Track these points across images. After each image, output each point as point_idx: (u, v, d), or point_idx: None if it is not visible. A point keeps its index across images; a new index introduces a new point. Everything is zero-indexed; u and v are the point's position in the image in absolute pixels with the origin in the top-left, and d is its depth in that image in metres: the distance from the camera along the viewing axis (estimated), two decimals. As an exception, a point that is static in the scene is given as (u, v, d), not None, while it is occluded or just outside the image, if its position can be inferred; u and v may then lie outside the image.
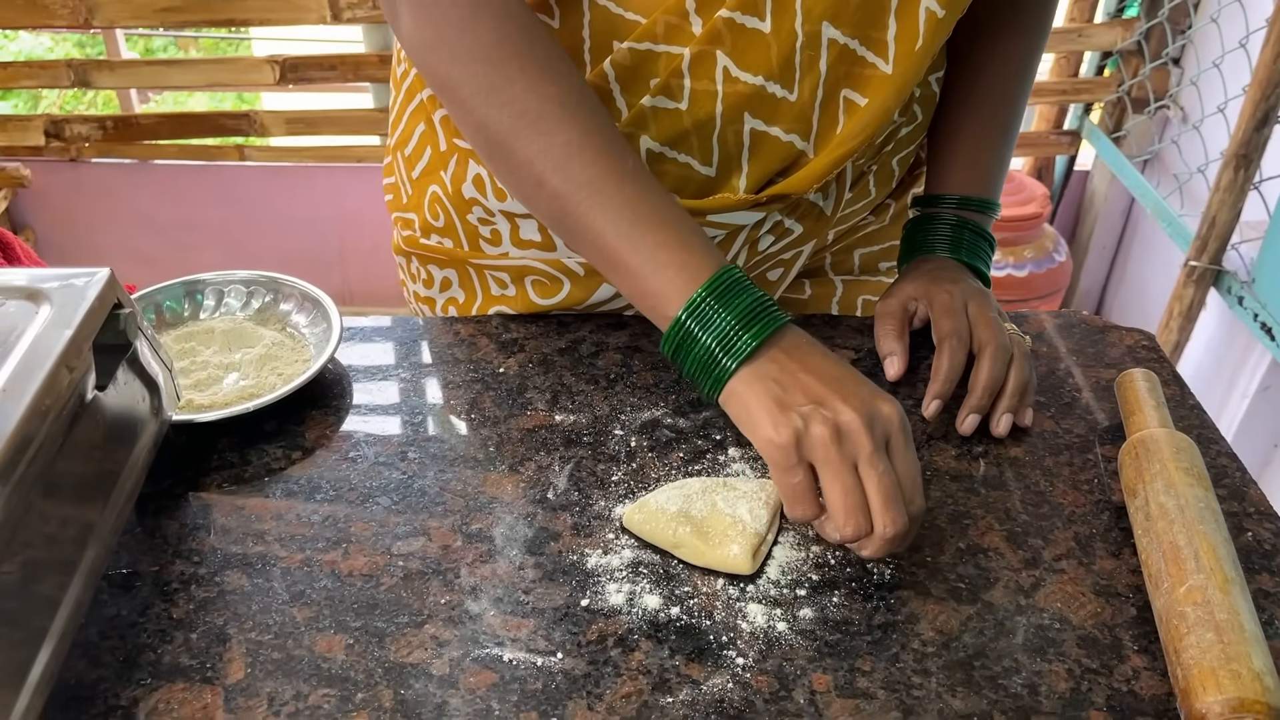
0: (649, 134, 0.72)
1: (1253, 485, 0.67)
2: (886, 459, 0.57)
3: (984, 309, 0.74)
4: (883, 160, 0.83)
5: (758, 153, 0.73)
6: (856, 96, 0.72)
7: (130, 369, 0.58)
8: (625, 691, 0.53)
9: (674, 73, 0.69)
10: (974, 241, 0.80)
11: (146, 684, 0.54)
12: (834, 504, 0.57)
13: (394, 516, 0.64)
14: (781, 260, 0.83)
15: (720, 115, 0.71)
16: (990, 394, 0.70)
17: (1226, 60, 1.90)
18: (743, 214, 0.75)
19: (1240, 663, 0.50)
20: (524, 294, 0.81)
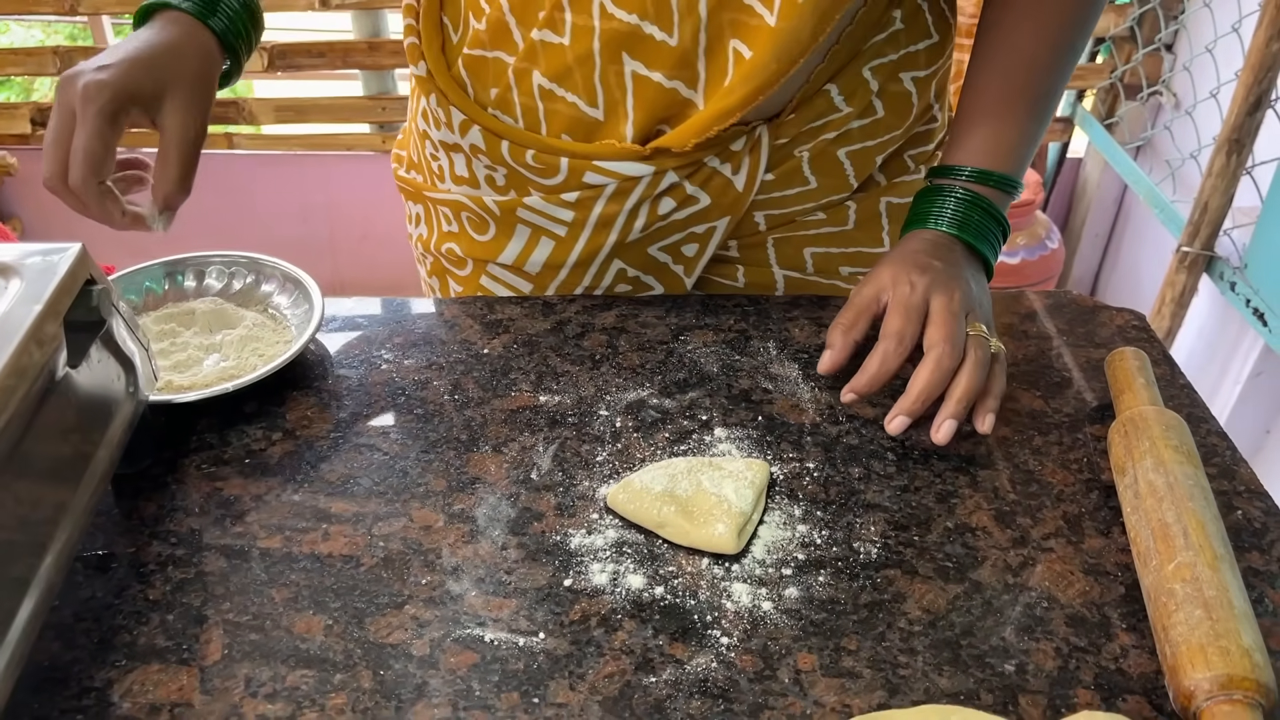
0: (539, 69, 0.75)
1: (1243, 464, 0.67)
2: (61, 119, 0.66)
3: (945, 307, 0.67)
4: (820, 148, 0.80)
5: (641, 98, 0.73)
6: (743, 47, 0.71)
7: (104, 347, 0.57)
8: (608, 671, 0.53)
9: (556, 5, 0.71)
10: (983, 222, 0.73)
11: (121, 665, 0.53)
12: None
13: (375, 498, 0.63)
14: (694, 234, 0.82)
15: (599, 52, 0.72)
16: (925, 400, 0.65)
17: (1219, 45, 1.89)
18: (632, 165, 0.75)
19: (1229, 639, 0.49)
20: (465, 231, 0.86)
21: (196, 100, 0.71)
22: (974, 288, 0.71)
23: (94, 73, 0.65)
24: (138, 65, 0.67)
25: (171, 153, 0.70)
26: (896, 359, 0.67)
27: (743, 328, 0.78)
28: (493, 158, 0.79)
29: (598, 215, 0.79)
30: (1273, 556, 0.60)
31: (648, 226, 0.80)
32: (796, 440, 0.68)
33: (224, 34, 0.73)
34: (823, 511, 0.62)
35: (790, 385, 0.72)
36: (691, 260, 0.84)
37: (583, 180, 0.77)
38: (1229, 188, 1.70)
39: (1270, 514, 0.63)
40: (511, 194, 0.81)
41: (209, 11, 0.72)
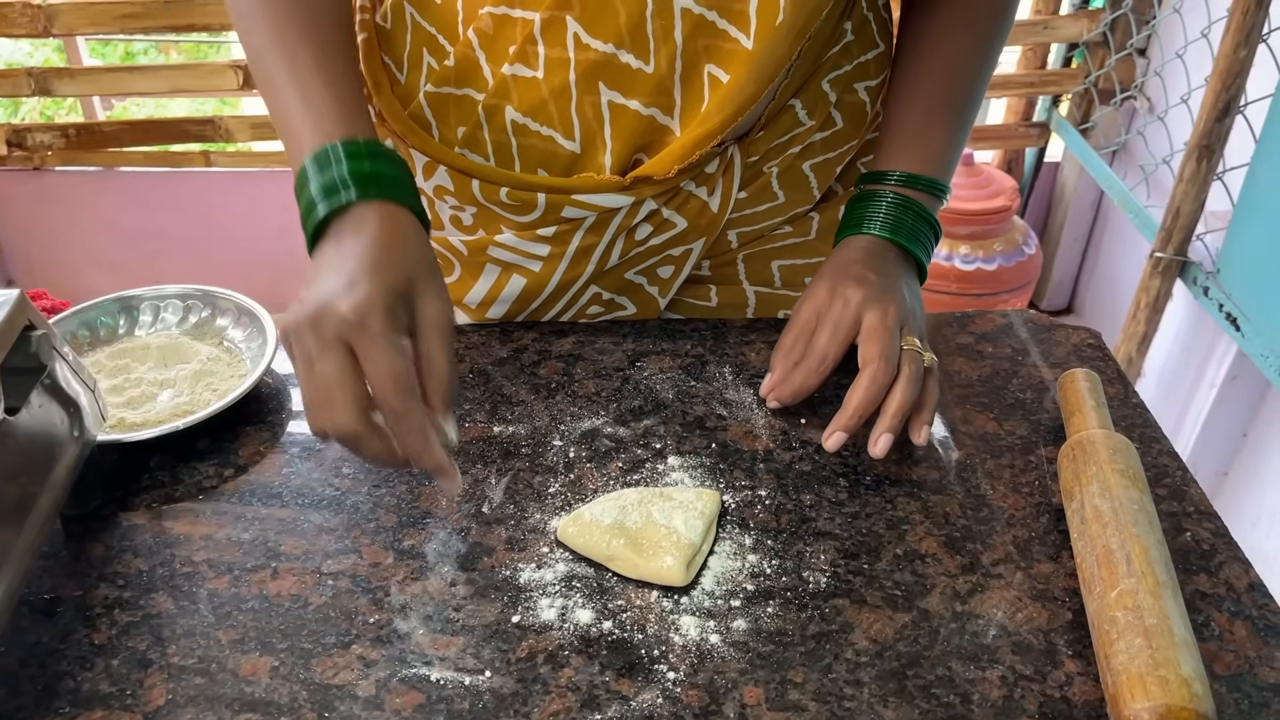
0: (512, 104, 0.73)
1: (1193, 485, 0.67)
2: (337, 357, 0.54)
3: (878, 323, 0.68)
4: (788, 162, 0.81)
5: (619, 128, 0.73)
6: (720, 72, 0.71)
7: (46, 392, 0.57)
8: (553, 709, 0.53)
9: (528, 39, 0.70)
10: (915, 225, 0.75)
11: (65, 713, 0.53)
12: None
13: (325, 534, 0.63)
14: (670, 256, 0.81)
15: (575, 84, 0.71)
16: (861, 415, 0.66)
17: (1189, 51, 1.90)
18: (611, 196, 0.74)
19: (1168, 669, 0.49)
20: None
21: (438, 278, 0.60)
22: (908, 298, 0.71)
23: (344, 296, 0.54)
24: (380, 268, 0.56)
25: (437, 343, 0.57)
26: (817, 377, 0.70)
27: (699, 352, 0.78)
28: (461, 198, 0.77)
29: (575, 247, 0.78)
30: (1220, 579, 0.60)
31: (625, 254, 0.79)
32: (749, 468, 0.68)
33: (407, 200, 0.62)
34: (773, 540, 0.62)
35: (744, 411, 0.72)
36: (666, 281, 0.84)
37: (560, 215, 0.76)
38: (1200, 193, 1.71)
39: (1219, 535, 0.63)
40: (480, 233, 0.79)
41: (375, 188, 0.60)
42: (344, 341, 0.54)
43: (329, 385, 0.54)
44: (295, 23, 0.65)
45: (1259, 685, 0.54)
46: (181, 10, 2.11)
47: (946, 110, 0.78)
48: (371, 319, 0.54)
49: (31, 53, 3.75)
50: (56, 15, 2.10)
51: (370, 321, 0.54)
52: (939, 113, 0.78)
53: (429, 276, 0.59)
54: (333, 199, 0.59)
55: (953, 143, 0.78)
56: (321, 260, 0.58)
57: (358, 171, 0.60)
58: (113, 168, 2.44)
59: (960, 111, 0.78)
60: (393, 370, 0.54)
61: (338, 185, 0.59)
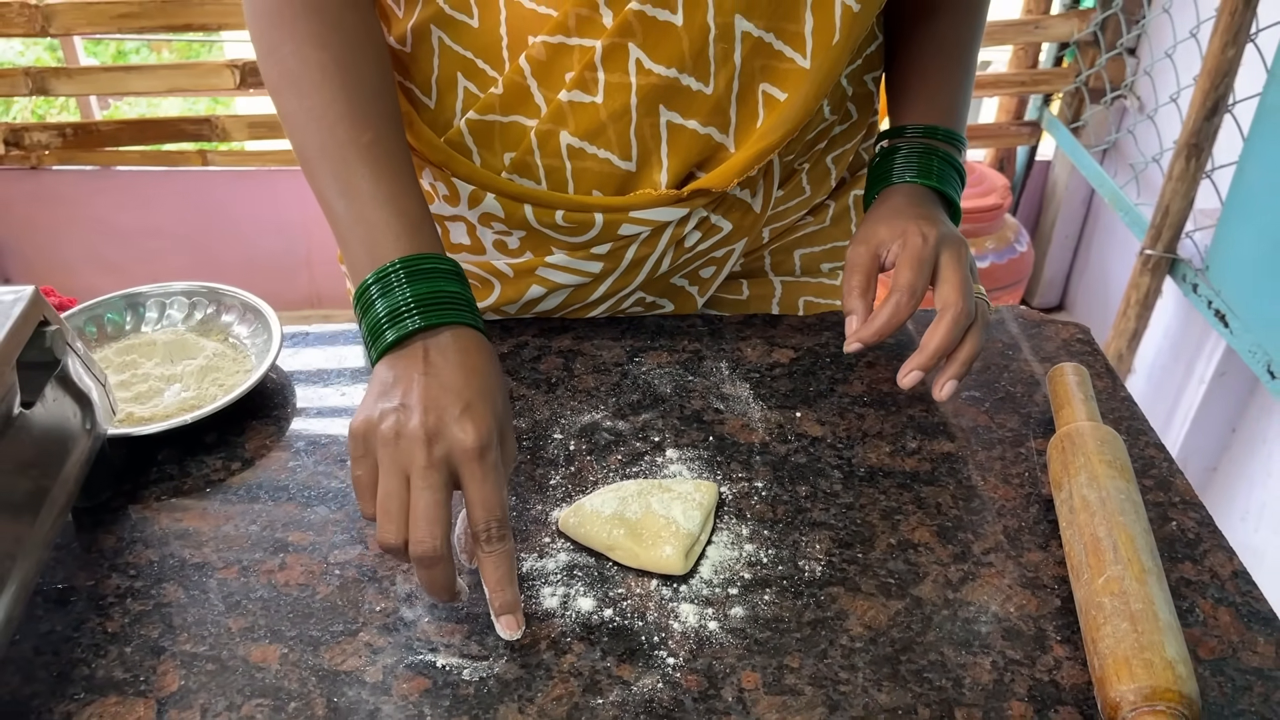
0: (567, 129, 0.72)
1: (1179, 475, 0.69)
2: (441, 478, 0.54)
3: (957, 265, 0.70)
4: (816, 158, 0.84)
5: (676, 146, 0.74)
6: (775, 91, 0.72)
7: (59, 386, 0.58)
8: (556, 694, 0.54)
9: (588, 66, 0.70)
10: (943, 168, 0.77)
11: (80, 699, 0.54)
12: (376, 504, 0.55)
13: (332, 525, 0.64)
14: (713, 258, 0.83)
15: (635, 108, 0.71)
16: (940, 357, 0.68)
17: (1178, 50, 1.92)
18: (666, 210, 0.75)
19: (1153, 651, 0.51)
20: None
21: (510, 413, 0.61)
22: (965, 246, 0.73)
23: (462, 422, 0.54)
24: (487, 397, 0.57)
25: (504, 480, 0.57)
26: (908, 310, 0.69)
27: (696, 348, 0.80)
28: (511, 223, 0.76)
29: (629, 260, 0.79)
30: (1205, 567, 0.62)
31: (675, 260, 0.81)
32: (746, 460, 0.69)
33: (478, 322, 0.61)
34: (769, 531, 0.64)
35: (741, 405, 0.74)
36: (707, 282, 0.85)
37: (617, 232, 0.76)
38: (1189, 191, 1.73)
39: (1204, 525, 0.65)
40: (528, 255, 0.79)
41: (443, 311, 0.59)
42: (452, 466, 0.54)
43: (428, 506, 0.53)
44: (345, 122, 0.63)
45: (1241, 669, 0.56)
46: (178, 10, 2.12)
47: (954, 68, 0.81)
48: (490, 450, 0.54)
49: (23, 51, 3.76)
50: (54, 15, 2.11)
51: (488, 453, 0.54)
52: (946, 70, 0.81)
53: (509, 412, 0.59)
54: (409, 320, 0.58)
55: (961, 99, 0.81)
56: (407, 374, 0.57)
57: (430, 292, 0.59)
58: (110, 167, 2.45)
59: (965, 70, 0.81)
60: (503, 503, 0.55)
61: (407, 308, 0.58)
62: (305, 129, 0.64)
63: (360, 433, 0.55)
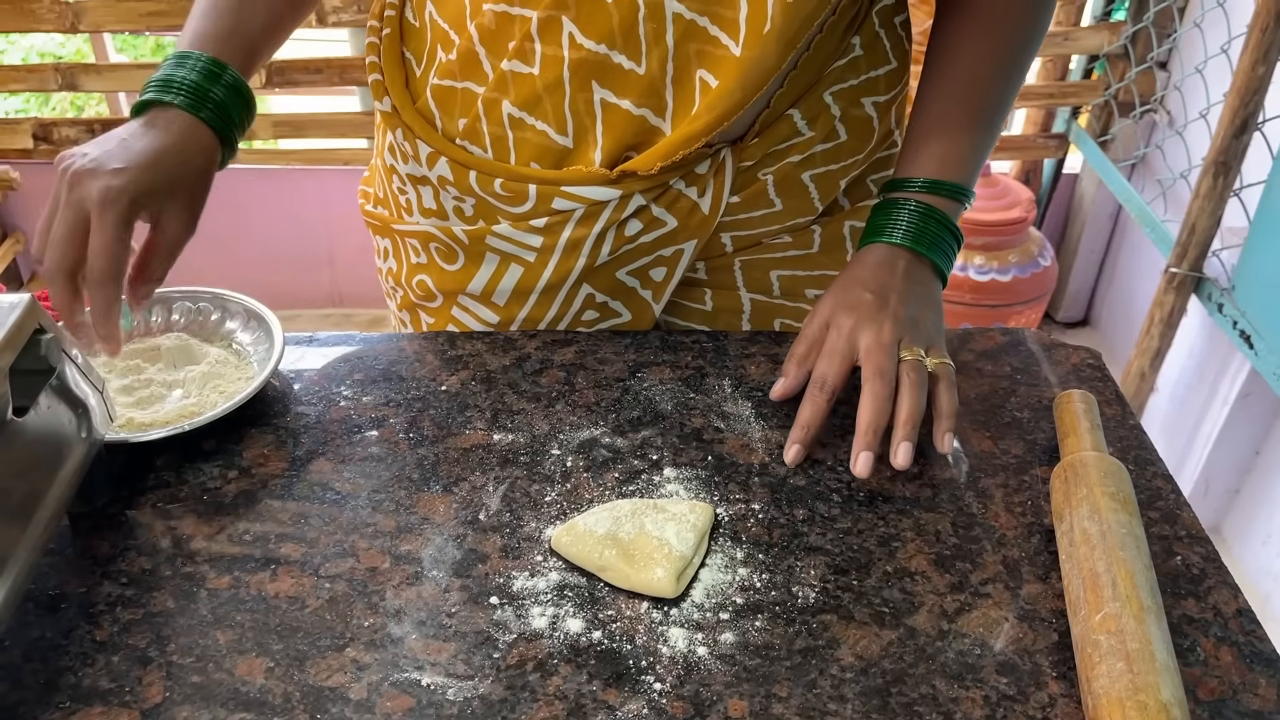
0: (509, 98, 0.76)
1: (1185, 508, 0.67)
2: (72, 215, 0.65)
3: (875, 339, 0.70)
4: (785, 171, 0.81)
5: (610, 125, 0.75)
6: (710, 77, 0.73)
7: (54, 393, 0.58)
8: (540, 717, 0.54)
9: (525, 36, 0.73)
10: (937, 234, 0.76)
11: (65, 707, 0.54)
12: None
13: (324, 537, 0.64)
14: (662, 257, 0.83)
15: (568, 81, 0.73)
16: (874, 431, 0.68)
17: (1209, 66, 1.89)
18: (598, 190, 0.76)
19: (1148, 694, 0.50)
20: (434, 263, 0.86)
21: (197, 202, 0.73)
22: (910, 312, 0.72)
23: (109, 176, 0.66)
24: (148, 169, 0.68)
25: (163, 253, 0.71)
26: (825, 401, 0.70)
27: (700, 364, 0.79)
28: (461, 188, 0.80)
29: (566, 239, 0.80)
30: (1208, 604, 0.61)
31: (615, 250, 0.81)
32: (744, 481, 0.68)
33: (219, 127, 0.73)
34: (764, 554, 0.63)
35: (742, 424, 0.73)
36: (660, 284, 0.85)
37: (551, 206, 0.78)
38: (1216, 209, 1.70)
39: (1209, 560, 0.64)
40: (480, 223, 0.82)
41: (200, 105, 0.72)
42: (83, 208, 0.65)
43: (59, 235, 0.66)
44: None
45: (1241, 711, 0.55)
46: (206, 9, 2.13)
47: (969, 114, 0.78)
48: (110, 209, 0.65)
49: (64, 43, 3.80)
50: (84, 11, 2.13)
51: (108, 211, 0.65)
52: (961, 117, 0.78)
53: (189, 195, 0.72)
54: (158, 93, 0.71)
55: (976, 146, 0.78)
56: (124, 130, 0.70)
57: (193, 84, 0.71)
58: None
59: (983, 116, 0.79)
60: (106, 250, 0.65)
61: (173, 85, 0.71)
62: None
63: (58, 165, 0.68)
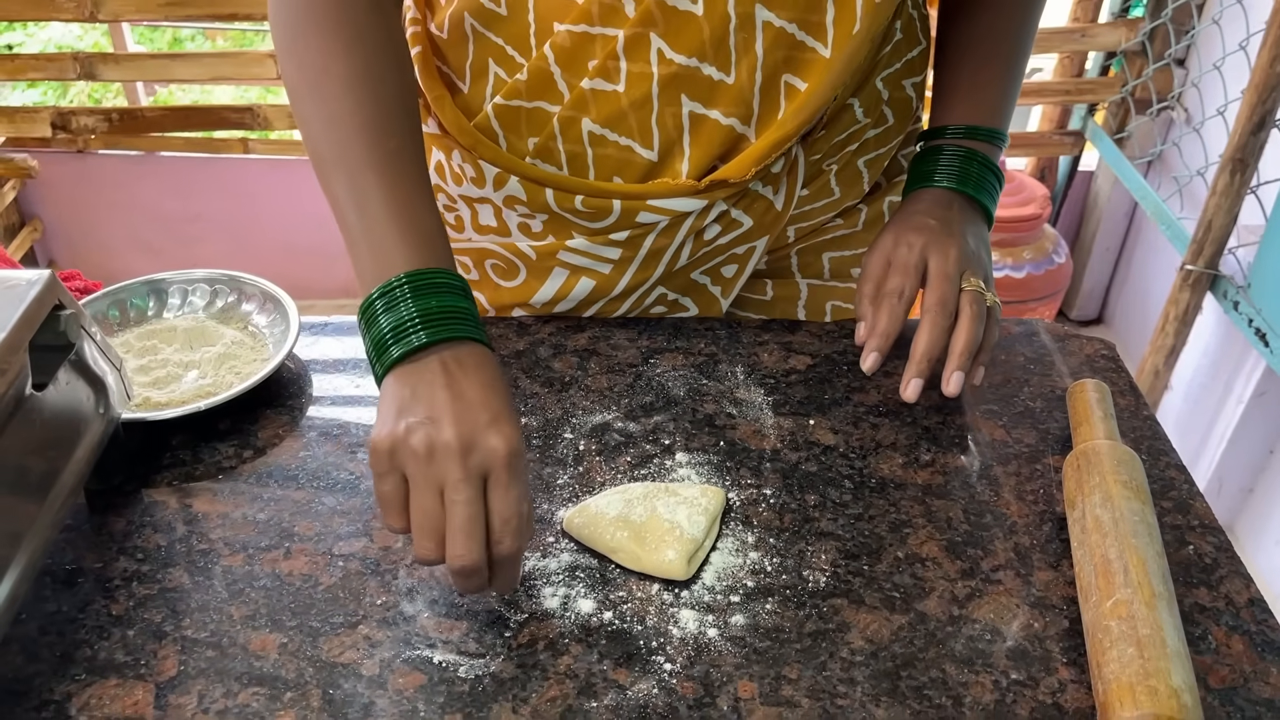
0: (589, 116, 0.74)
1: (1199, 498, 0.67)
2: (475, 490, 0.53)
3: (941, 264, 0.71)
4: (846, 160, 0.83)
5: (698, 136, 0.74)
6: (797, 81, 0.73)
7: (73, 369, 0.59)
8: (551, 695, 0.54)
9: (610, 55, 0.71)
10: (981, 174, 0.77)
11: (81, 679, 0.55)
12: (412, 521, 0.54)
13: (338, 517, 0.64)
14: (734, 255, 0.83)
15: (657, 96, 0.72)
16: (930, 359, 0.69)
17: (1227, 62, 1.88)
18: (684, 201, 0.75)
19: (1158, 679, 0.50)
20: (488, 279, 0.84)
21: None
22: (970, 243, 0.74)
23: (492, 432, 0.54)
24: (511, 410, 0.57)
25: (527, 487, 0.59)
26: (903, 309, 0.72)
27: (712, 351, 0.79)
28: (533, 206, 0.77)
29: (647, 250, 0.79)
30: (1220, 593, 0.61)
31: (694, 254, 0.81)
32: (756, 466, 0.69)
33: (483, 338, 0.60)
34: (775, 539, 0.63)
35: (754, 410, 0.73)
36: (730, 281, 0.85)
37: (635, 220, 0.77)
38: (1233, 207, 1.69)
39: (1222, 550, 0.63)
40: (550, 239, 0.80)
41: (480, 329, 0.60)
42: (486, 475, 0.54)
43: (465, 520, 0.53)
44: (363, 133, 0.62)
45: (1252, 699, 0.55)
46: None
47: (998, 63, 0.80)
48: (518, 459, 0.54)
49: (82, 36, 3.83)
50: (103, 1, 2.14)
51: (516, 461, 0.54)
52: (991, 66, 0.80)
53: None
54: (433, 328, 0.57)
55: (1006, 94, 0.80)
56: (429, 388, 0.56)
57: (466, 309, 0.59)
58: (154, 152, 2.49)
59: (1011, 64, 0.81)
60: (524, 512, 0.55)
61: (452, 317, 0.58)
62: (323, 136, 0.62)
63: (385, 448, 0.54)
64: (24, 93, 3.43)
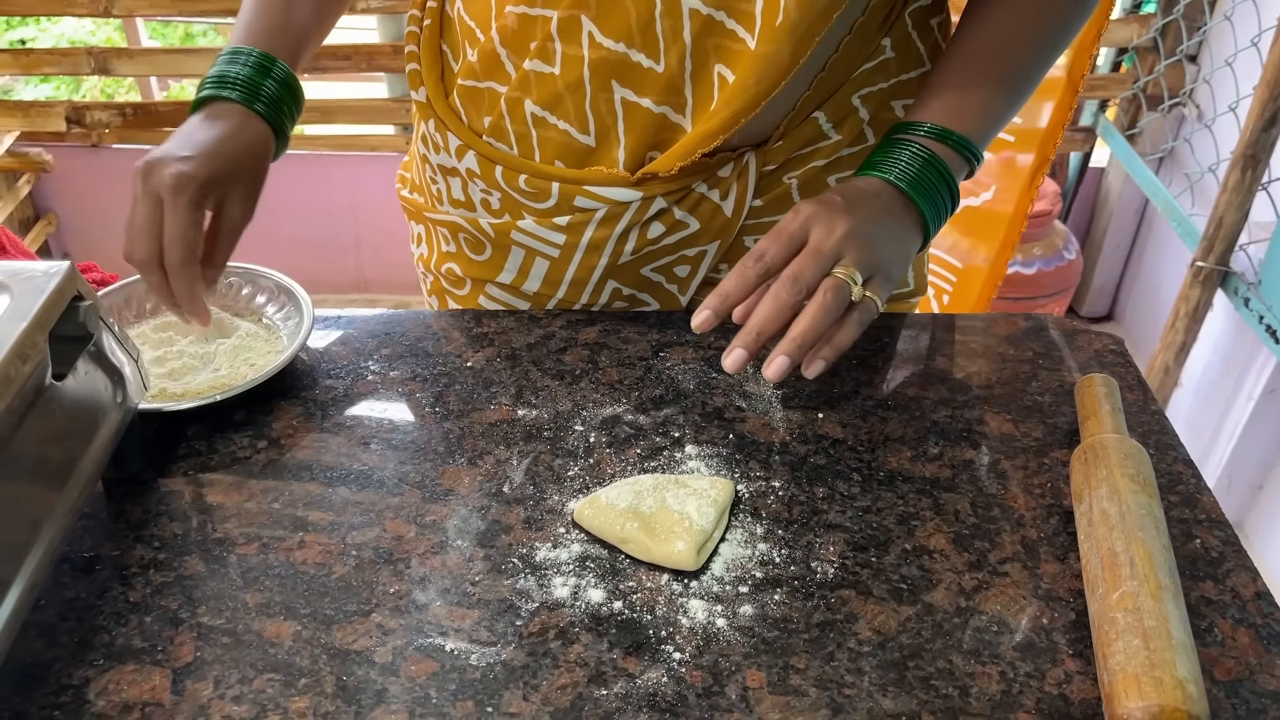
0: (531, 98, 0.77)
1: (1206, 493, 0.67)
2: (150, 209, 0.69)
3: (819, 242, 0.65)
4: (811, 175, 0.81)
5: (631, 124, 0.75)
6: (728, 72, 0.72)
7: (92, 360, 0.59)
8: (561, 683, 0.55)
9: (547, 36, 0.73)
10: (934, 183, 0.70)
11: (99, 665, 0.55)
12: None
13: (351, 507, 0.65)
14: (685, 257, 0.83)
15: (589, 81, 0.74)
16: (758, 334, 0.63)
17: (1239, 58, 1.88)
18: (620, 190, 0.77)
19: (1164, 670, 0.50)
20: (462, 252, 0.87)
21: (256, 189, 0.76)
22: (871, 233, 0.66)
23: (178, 163, 0.69)
24: (213, 158, 0.71)
25: (226, 239, 0.75)
26: (754, 273, 0.65)
27: (722, 345, 0.80)
28: (488, 182, 0.81)
29: (588, 239, 0.81)
30: (1226, 586, 0.61)
31: (638, 250, 0.81)
32: (765, 459, 0.69)
33: (272, 119, 0.76)
34: (784, 530, 0.64)
35: (763, 404, 0.74)
36: (684, 280, 0.85)
37: (573, 204, 0.79)
38: (1244, 203, 1.69)
39: (1228, 543, 0.64)
40: (506, 217, 0.83)
41: (253, 99, 0.75)
42: (156, 196, 0.69)
43: (138, 225, 0.69)
44: None
45: (1258, 692, 0.55)
46: (237, -6, 2.15)
47: (992, 74, 0.74)
48: (182, 193, 0.69)
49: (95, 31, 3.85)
50: (117, -5, 2.15)
51: (180, 195, 0.69)
52: (984, 75, 0.74)
53: (248, 182, 0.75)
54: (215, 89, 0.74)
55: (994, 108, 0.74)
56: (187, 125, 0.74)
57: (247, 78, 0.75)
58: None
59: (1006, 82, 0.74)
60: (181, 236, 0.69)
61: (228, 81, 0.75)
62: None
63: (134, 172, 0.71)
64: (38, 88, 3.45)
